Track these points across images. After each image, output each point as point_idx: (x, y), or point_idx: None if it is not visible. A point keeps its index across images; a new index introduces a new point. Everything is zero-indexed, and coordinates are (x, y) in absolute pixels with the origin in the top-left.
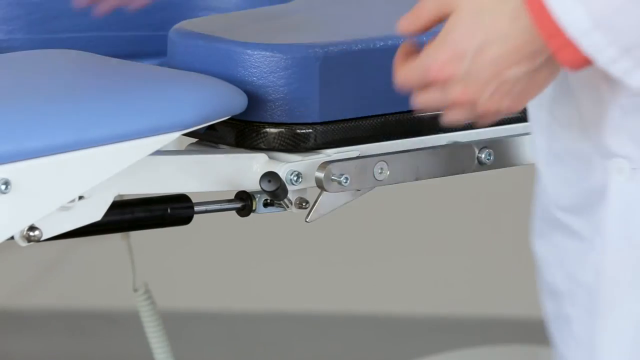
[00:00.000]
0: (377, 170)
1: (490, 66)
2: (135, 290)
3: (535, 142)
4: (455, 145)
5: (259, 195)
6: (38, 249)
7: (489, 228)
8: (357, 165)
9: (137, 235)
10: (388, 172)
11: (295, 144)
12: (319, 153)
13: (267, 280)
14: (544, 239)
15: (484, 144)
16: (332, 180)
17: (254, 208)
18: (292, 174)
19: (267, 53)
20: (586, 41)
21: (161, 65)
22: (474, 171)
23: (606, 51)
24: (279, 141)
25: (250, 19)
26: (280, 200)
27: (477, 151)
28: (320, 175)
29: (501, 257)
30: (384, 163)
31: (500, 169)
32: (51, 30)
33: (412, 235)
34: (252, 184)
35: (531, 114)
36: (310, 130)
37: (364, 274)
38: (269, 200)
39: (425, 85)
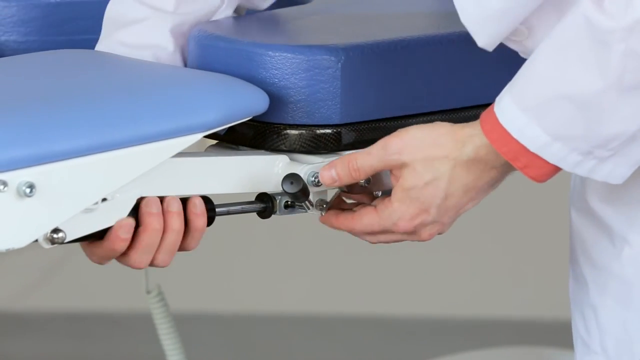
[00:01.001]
0: None
1: (454, 208)
2: (148, 292)
3: None
4: None
5: (279, 196)
6: (40, 252)
7: (491, 229)
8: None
9: None
10: None
11: (316, 145)
12: (340, 155)
13: (269, 282)
14: (578, 213)
15: None
16: None
17: (275, 210)
18: (313, 175)
19: (289, 54)
20: (548, 153)
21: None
22: None
23: (569, 158)
24: (299, 143)
25: (270, 20)
26: (301, 202)
27: None
28: None
29: (502, 259)
30: None
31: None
32: (68, 32)
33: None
34: (273, 185)
35: None
36: (332, 132)
37: (365, 276)
38: (289, 202)
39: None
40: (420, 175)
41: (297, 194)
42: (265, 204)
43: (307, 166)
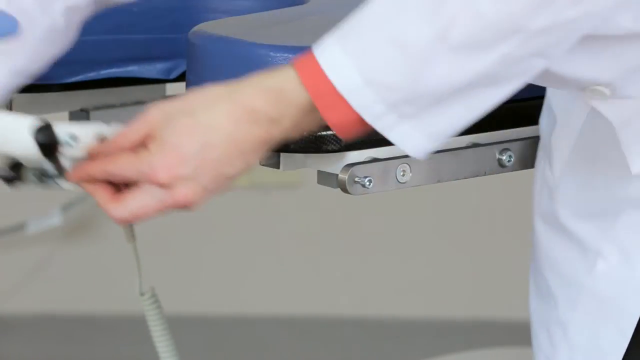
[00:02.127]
0: (399, 172)
1: (214, 164)
2: (142, 294)
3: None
4: (476, 147)
5: (33, 170)
6: (22, 254)
7: (481, 230)
8: (380, 168)
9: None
10: (410, 175)
11: (317, 146)
12: (342, 156)
13: (263, 284)
14: (545, 228)
15: (505, 146)
16: (356, 182)
17: (23, 178)
18: (69, 136)
19: (290, 55)
20: (355, 98)
21: (175, 67)
22: (493, 173)
23: (374, 107)
24: (300, 143)
25: (270, 21)
26: (50, 157)
27: (497, 153)
28: (344, 177)
29: (492, 260)
30: (407, 165)
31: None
32: None
33: (403, 238)
34: (24, 147)
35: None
36: (332, 133)
37: (358, 278)
38: (40, 172)
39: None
40: (181, 123)
41: (46, 144)
42: (14, 172)
43: (65, 124)
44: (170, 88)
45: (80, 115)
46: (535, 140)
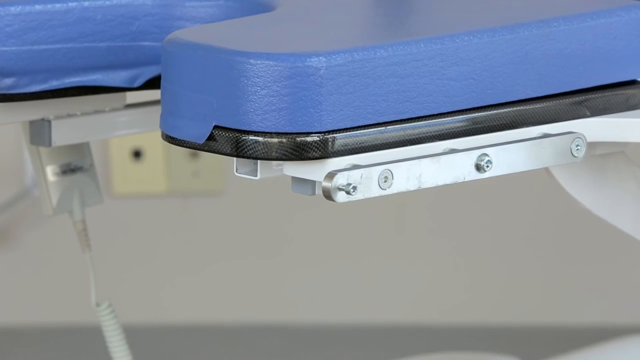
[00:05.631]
0: (381, 179)
1: None
2: (98, 305)
3: None
4: (454, 153)
5: None
6: None
7: (452, 233)
8: (362, 175)
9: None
10: (393, 181)
11: (298, 153)
12: (323, 163)
13: (183, 293)
14: None
15: (483, 151)
16: (340, 190)
17: None
18: None
19: (271, 62)
20: None
21: (139, 75)
22: (472, 179)
23: None
24: (281, 150)
25: (246, 28)
26: None
27: (475, 158)
28: (328, 185)
29: (470, 263)
30: (389, 172)
31: None
32: (28, 42)
33: (328, 243)
34: None
35: None
36: (314, 140)
37: (280, 284)
38: None
39: None
40: None
41: None
42: None
43: None
44: (131, 97)
45: (42, 124)
46: (512, 144)
